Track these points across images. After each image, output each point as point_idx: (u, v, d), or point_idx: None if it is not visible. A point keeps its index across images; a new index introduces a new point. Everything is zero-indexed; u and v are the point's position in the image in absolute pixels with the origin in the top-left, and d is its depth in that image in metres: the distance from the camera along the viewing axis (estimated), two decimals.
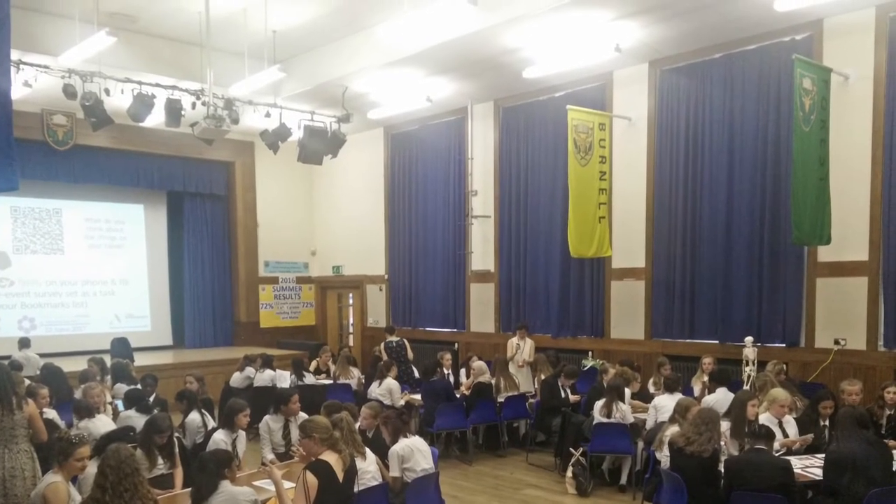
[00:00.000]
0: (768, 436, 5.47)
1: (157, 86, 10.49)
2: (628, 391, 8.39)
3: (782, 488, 5.11)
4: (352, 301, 17.05)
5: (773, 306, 9.83)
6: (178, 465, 6.00)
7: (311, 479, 4.58)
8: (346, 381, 10.89)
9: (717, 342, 10.26)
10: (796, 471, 5.48)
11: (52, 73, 9.74)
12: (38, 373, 9.87)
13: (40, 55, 9.97)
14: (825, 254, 9.21)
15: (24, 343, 11.70)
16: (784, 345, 9.70)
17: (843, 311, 9.19)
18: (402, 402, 9.64)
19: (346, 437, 5.43)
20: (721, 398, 7.47)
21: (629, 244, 11.21)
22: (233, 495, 4.67)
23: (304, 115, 12.26)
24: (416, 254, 14.88)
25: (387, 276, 15.60)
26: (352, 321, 17.14)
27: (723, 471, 5.46)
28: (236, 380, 11.03)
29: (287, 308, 17.24)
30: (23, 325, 14.37)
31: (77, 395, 8.13)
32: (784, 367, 8.74)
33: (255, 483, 5.52)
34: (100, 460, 4.63)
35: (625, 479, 7.97)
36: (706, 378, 8.90)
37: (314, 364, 11.80)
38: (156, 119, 10.84)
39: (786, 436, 6.48)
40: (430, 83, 12.09)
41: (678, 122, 10.71)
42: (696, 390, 8.92)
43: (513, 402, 9.74)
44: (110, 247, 15.69)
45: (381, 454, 5.98)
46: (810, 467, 5.87)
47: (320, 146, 12.39)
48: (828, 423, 6.72)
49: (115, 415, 7.65)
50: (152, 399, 7.92)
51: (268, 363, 11.03)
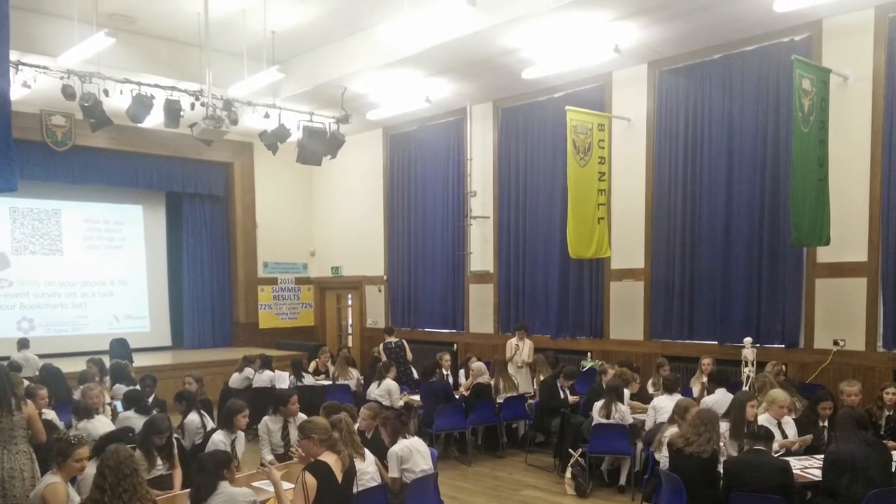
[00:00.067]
0: (767, 436, 5.47)
1: (156, 86, 10.49)
2: (627, 392, 8.39)
3: (781, 489, 5.11)
4: (351, 302, 17.04)
5: (772, 307, 9.83)
6: (177, 466, 5.99)
7: (310, 479, 4.58)
8: (345, 382, 10.89)
9: (716, 343, 10.26)
10: (795, 471, 5.48)
11: (51, 74, 9.74)
12: (37, 374, 9.87)
13: (39, 56, 9.97)
14: (824, 254, 9.21)
15: (22, 344, 11.69)
16: (783, 345, 9.70)
17: (843, 312, 9.19)
18: (401, 402, 9.64)
19: (345, 437, 5.43)
20: (720, 399, 7.47)
21: (628, 245, 11.21)
22: (232, 496, 4.67)
23: (303, 116, 12.27)
24: (415, 255, 14.88)
25: (386, 277, 15.59)
26: (351, 322, 17.13)
27: (722, 471, 5.46)
28: (235, 381, 11.02)
29: (286, 309, 17.24)
30: (22, 326, 14.36)
31: (76, 395, 8.13)
32: (783, 367, 8.76)
33: (254, 484, 5.52)
34: (99, 461, 4.63)
35: (624, 480, 7.96)
36: (705, 379, 8.90)
37: (313, 365, 11.80)
38: (155, 120, 10.83)
39: (785, 437, 6.48)
40: (429, 84, 12.09)
41: (677, 122, 10.71)
42: (696, 391, 8.92)
43: (512, 402, 9.74)
44: (109, 247, 15.69)
45: (380, 455, 5.97)
46: (809, 468, 5.86)
47: (319, 147, 12.39)
48: (827, 423, 6.72)
49: (114, 416, 7.63)
50: (151, 400, 7.92)
51: (267, 364, 11.03)
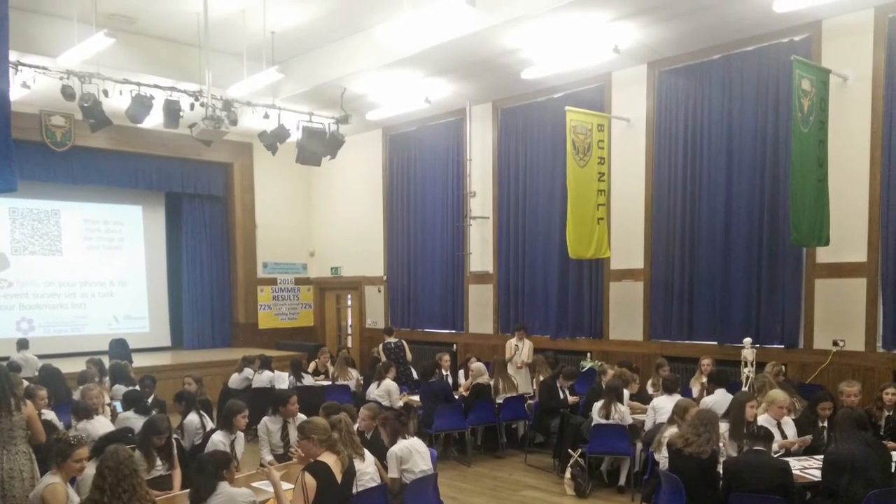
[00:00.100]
0: (767, 437, 5.47)
1: (156, 87, 10.50)
2: (627, 392, 8.38)
3: (781, 489, 5.11)
4: (350, 302, 17.04)
5: (771, 307, 9.83)
6: (177, 467, 5.99)
7: (310, 480, 4.58)
8: (345, 383, 10.89)
9: (716, 343, 10.26)
10: (795, 472, 5.48)
11: (51, 75, 9.75)
12: (37, 374, 9.87)
13: (38, 56, 9.97)
14: (824, 255, 9.21)
15: (22, 344, 11.69)
16: (783, 346, 9.70)
17: (842, 313, 9.19)
18: (401, 403, 9.63)
19: (345, 438, 5.43)
20: (720, 399, 7.47)
21: (628, 245, 11.21)
22: (231, 496, 4.67)
23: (302, 117, 12.27)
24: (415, 255, 14.88)
25: (385, 278, 15.59)
26: (350, 322, 17.13)
27: (721, 472, 5.46)
28: (235, 381, 11.03)
29: (285, 309, 17.23)
30: (21, 327, 14.36)
31: (75, 396, 8.12)
32: (783, 368, 8.75)
33: (254, 484, 5.52)
34: (98, 461, 4.63)
35: (623, 481, 7.96)
36: (705, 379, 8.90)
37: (313, 365, 11.80)
38: (154, 120, 10.84)
39: (784, 437, 6.48)
40: (428, 84, 12.09)
41: (677, 123, 10.71)
42: (695, 391, 8.92)
43: (511, 403, 9.73)
44: (109, 248, 15.69)
45: (380, 455, 5.97)
46: (809, 468, 5.87)
47: (319, 147, 12.39)
48: (826, 424, 6.72)
49: (114, 416, 7.63)
50: (151, 400, 7.91)
51: (266, 364, 11.03)
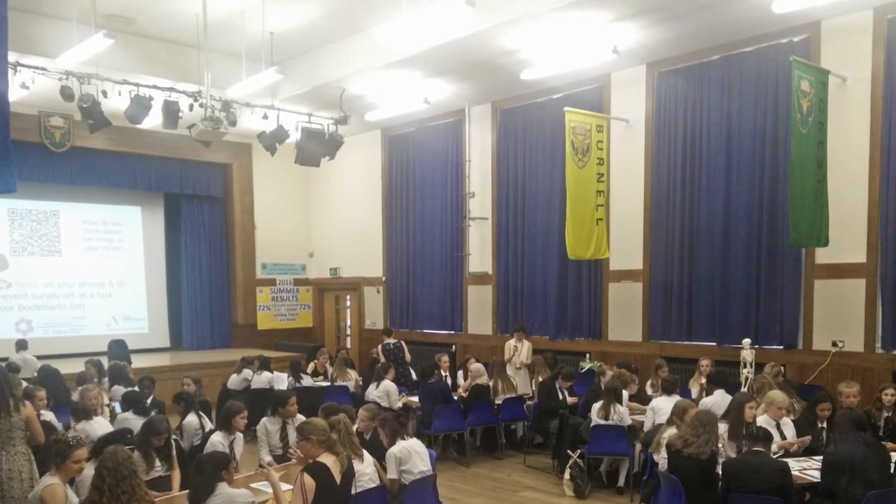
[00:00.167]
0: (766, 438, 5.47)
1: (155, 87, 10.48)
2: (626, 393, 8.38)
3: (780, 490, 5.11)
4: (349, 303, 17.04)
5: (770, 308, 9.83)
6: (176, 468, 5.99)
7: (309, 481, 4.58)
8: (344, 383, 10.87)
9: (715, 344, 10.26)
10: (794, 473, 5.48)
11: (50, 75, 9.74)
12: (36, 375, 9.86)
13: (37, 57, 9.97)
14: (823, 256, 9.21)
15: (21, 345, 11.70)
16: (782, 347, 9.70)
17: (841, 313, 9.20)
18: (400, 404, 9.63)
19: (344, 439, 5.42)
20: (719, 400, 7.47)
21: (627, 246, 11.21)
22: (230, 497, 4.67)
23: (301, 117, 12.26)
24: (414, 256, 14.87)
25: (384, 278, 15.59)
26: (349, 323, 17.12)
27: (720, 473, 5.46)
28: (234, 382, 11.03)
29: (284, 310, 17.23)
30: (20, 327, 14.35)
31: (74, 397, 8.12)
32: (782, 369, 8.75)
33: (253, 485, 5.51)
34: (97, 462, 4.63)
35: (622, 482, 7.96)
36: (704, 380, 8.90)
37: (312, 366, 11.79)
38: (153, 121, 10.83)
39: (784, 438, 6.48)
40: (427, 85, 12.09)
41: (676, 123, 10.71)
42: (694, 392, 8.92)
43: (510, 404, 9.73)
44: (108, 249, 15.68)
45: (379, 456, 5.97)
46: (808, 469, 5.87)
47: (318, 148, 12.38)
48: (826, 425, 6.72)
49: (113, 417, 7.63)
50: (149, 401, 7.90)
51: (265, 365, 11.03)
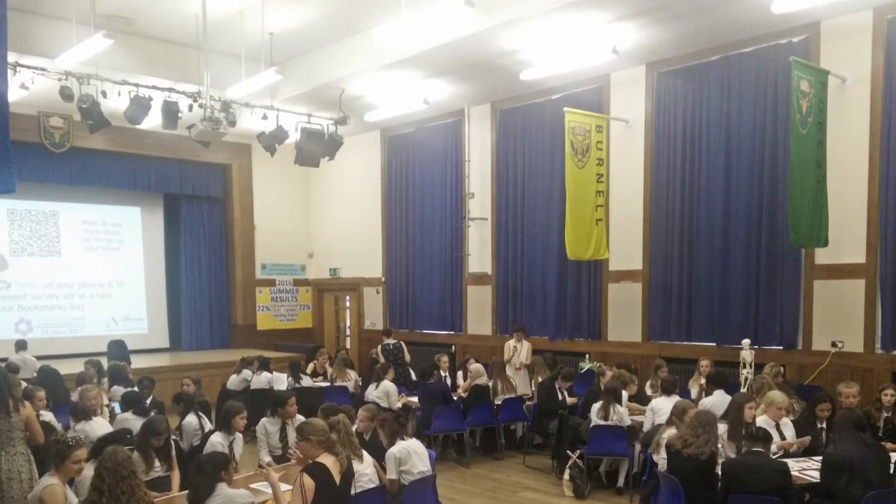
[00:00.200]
0: (765, 438, 5.47)
1: (154, 88, 10.49)
2: (625, 393, 8.38)
3: (779, 491, 5.11)
4: (349, 303, 17.04)
5: (770, 309, 9.84)
6: (175, 468, 5.98)
7: (308, 481, 4.58)
8: (343, 384, 10.88)
9: (715, 344, 10.26)
10: (793, 473, 5.47)
11: (49, 76, 9.74)
12: (35, 375, 9.86)
13: (37, 57, 9.97)
14: (822, 256, 9.22)
15: (20, 345, 11.69)
16: (781, 347, 9.70)
17: (841, 314, 9.20)
18: (399, 404, 9.62)
19: (343, 439, 5.42)
20: (718, 400, 7.47)
21: (626, 246, 11.21)
22: (229, 498, 4.67)
23: (300, 118, 12.27)
24: (413, 256, 14.88)
25: (384, 279, 15.59)
26: (349, 324, 17.12)
27: (720, 473, 5.46)
28: (233, 382, 11.03)
29: (284, 310, 17.22)
30: (19, 328, 14.35)
31: (74, 397, 8.12)
32: (781, 369, 8.75)
33: (252, 486, 5.51)
34: (96, 463, 4.63)
35: (622, 482, 7.96)
36: (703, 380, 8.90)
37: (311, 366, 11.80)
38: (152, 121, 10.83)
39: (783, 438, 6.48)
40: (426, 85, 12.09)
41: (675, 124, 10.72)
42: (694, 393, 8.92)
43: (510, 404, 9.73)
44: (107, 249, 15.67)
45: (378, 457, 5.97)
46: (807, 470, 5.86)
47: (317, 148, 12.38)
48: (825, 425, 6.72)
49: (112, 417, 7.63)
50: (149, 401, 7.89)
51: (265, 366, 11.03)
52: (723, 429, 6.22)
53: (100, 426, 6.71)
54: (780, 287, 9.74)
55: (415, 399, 9.88)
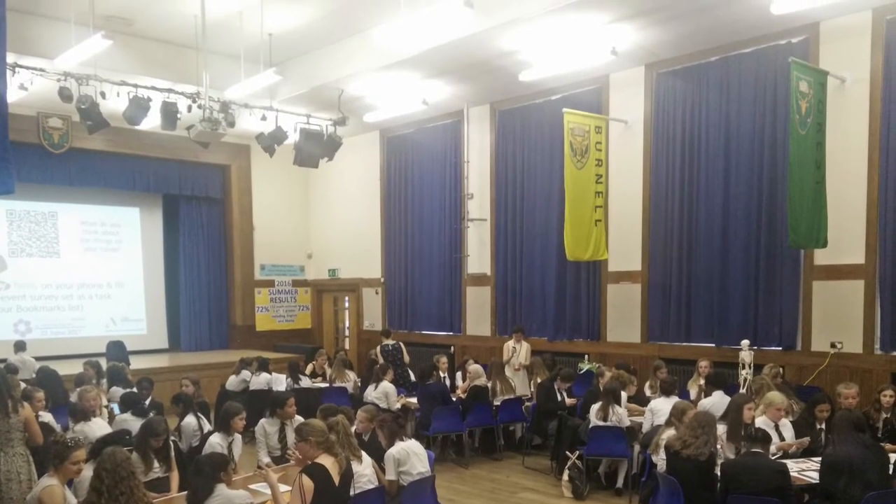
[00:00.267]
0: (765, 439, 5.46)
1: (153, 89, 10.46)
2: (624, 394, 8.37)
3: (779, 492, 5.11)
4: (348, 304, 17.04)
5: (769, 309, 9.84)
6: (174, 469, 5.98)
7: (307, 482, 4.58)
8: (342, 385, 10.87)
9: (714, 345, 10.27)
10: (793, 474, 5.47)
11: (48, 76, 9.72)
12: (34, 376, 9.85)
13: (36, 58, 9.95)
14: (821, 257, 9.22)
15: (19, 346, 11.69)
16: (780, 348, 9.71)
17: (840, 315, 9.20)
18: (399, 405, 9.61)
19: (342, 440, 5.42)
20: (717, 401, 7.47)
21: (625, 247, 11.21)
22: (228, 499, 4.67)
23: (299, 119, 12.24)
24: (413, 257, 14.87)
25: (383, 280, 15.58)
26: (348, 324, 17.13)
27: (719, 474, 5.46)
28: (232, 383, 11.03)
29: (283, 311, 17.22)
30: (18, 329, 14.33)
31: (73, 398, 8.11)
32: (780, 370, 8.73)
33: (251, 486, 5.51)
34: (95, 464, 4.63)
35: (621, 483, 7.96)
36: (702, 381, 8.90)
37: (310, 367, 11.80)
38: (151, 122, 10.81)
39: (782, 439, 6.48)
40: (426, 86, 12.09)
41: (674, 125, 10.72)
42: (693, 394, 8.92)
43: (509, 405, 9.72)
44: (106, 250, 15.67)
45: (377, 457, 5.97)
46: (807, 471, 5.87)
47: (316, 149, 12.37)
48: (824, 426, 6.72)
49: (111, 418, 7.63)
50: (148, 402, 7.89)
51: (264, 366, 11.02)
52: (722, 430, 6.22)
53: (99, 427, 6.70)
54: (779, 288, 9.74)
55: (414, 400, 9.87)
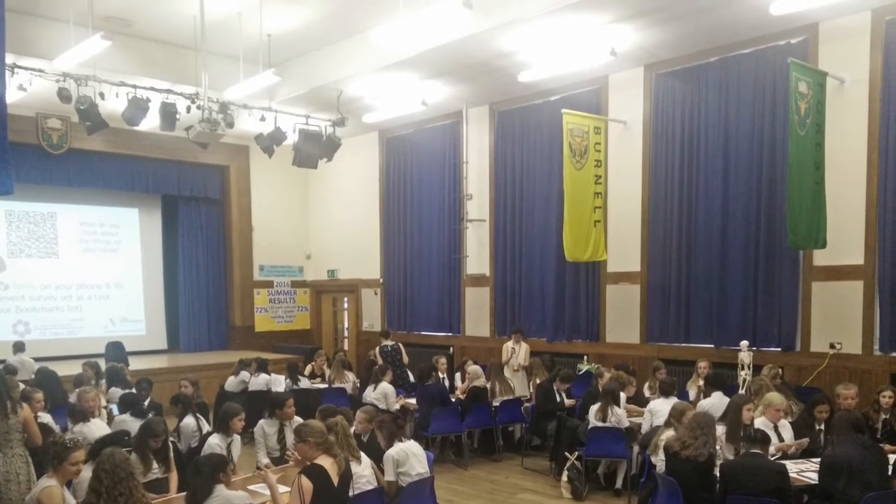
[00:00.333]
0: (764, 440, 5.46)
1: (152, 89, 10.46)
2: (623, 395, 8.37)
3: (778, 492, 5.11)
4: (347, 305, 17.04)
5: (768, 310, 9.84)
6: (173, 470, 5.98)
7: (306, 483, 4.58)
8: (341, 386, 10.87)
9: (713, 346, 10.26)
10: (792, 475, 5.47)
11: (47, 77, 9.72)
12: (33, 377, 9.83)
13: (35, 59, 9.95)
14: (821, 258, 9.22)
15: (18, 347, 11.68)
16: (779, 349, 9.71)
17: (839, 315, 9.20)
18: (398, 406, 9.60)
19: (341, 441, 5.42)
20: (716, 402, 7.46)
21: (624, 248, 11.21)
22: (227, 499, 4.67)
23: (298, 119, 12.25)
24: (412, 258, 14.87)
25: (382, 280, 15.58)
26: (347, 325, 17.13)
27: (718, 475, 5.46)
28: (231, 384, 11.02)
29: (282, 312, 17.21)
30: (17, 329, 14.32)
31: (72, 399, 8.11)
32: (779, 371, 8.72)
33: (250, 487, 5.50)
34: (94, 464, 4.63)
35: (620, 484, 7.96)
36: (702, 382, 8.90)
37: (309, 368, 11.80)
38: (150, 123, 10.81)
39: (781, 440, 6.48)
40: (425, 87, 12.09)
41: (673, 125, 10.72)
42: (692, 394, 8.92)
43: (508, 406, 9.72)
44: (105, 251, 15.66)
45: (377, 458, 5.97)
46: (806, 471, 5.86)
47: (315, 150, 12.37)
48: (823, 427, 6.72)
49: (110, 419, 7.63)
50: (147, 403, 7.90)
51: (263, 367, 11.01)
52: (721, 430, 6.22)
53: (98, 428, 6.70)
54: (778, 289, 9.74)
55: (413, 401, 9.86)
